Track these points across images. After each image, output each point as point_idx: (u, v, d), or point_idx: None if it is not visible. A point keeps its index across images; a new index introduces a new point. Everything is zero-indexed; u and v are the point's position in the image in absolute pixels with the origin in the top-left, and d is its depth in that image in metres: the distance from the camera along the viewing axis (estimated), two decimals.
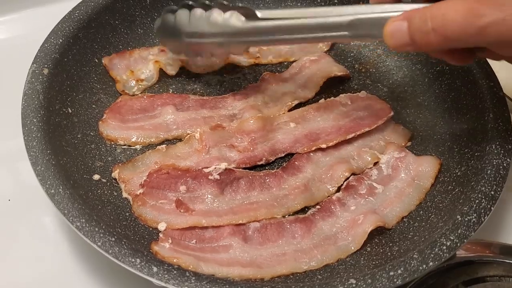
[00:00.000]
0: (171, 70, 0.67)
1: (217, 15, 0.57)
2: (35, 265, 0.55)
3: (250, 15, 0.55)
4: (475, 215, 0.49)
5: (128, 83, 0.66)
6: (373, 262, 0.50)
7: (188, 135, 0.61)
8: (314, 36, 0.53)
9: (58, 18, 0.64)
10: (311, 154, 0.60)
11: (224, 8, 0.57)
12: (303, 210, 0.56)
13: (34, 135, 0.52)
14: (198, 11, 0.58)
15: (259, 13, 0.55)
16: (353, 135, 0.61)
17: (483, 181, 0.51)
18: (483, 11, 0.39)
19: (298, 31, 0.53)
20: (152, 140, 0.61)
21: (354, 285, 0.44)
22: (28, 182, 0.57)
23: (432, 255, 0.46)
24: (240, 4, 0.57)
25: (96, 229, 0.46)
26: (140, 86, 0.66)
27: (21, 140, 0.53)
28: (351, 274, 0.49)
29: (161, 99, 0.64)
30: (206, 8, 0.58)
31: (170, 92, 0.67)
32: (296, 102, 0.66)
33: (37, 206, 0.58)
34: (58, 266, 0.55)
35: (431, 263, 0.46)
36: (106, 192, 0.55)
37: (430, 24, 0.42)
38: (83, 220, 0.47)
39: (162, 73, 0.67)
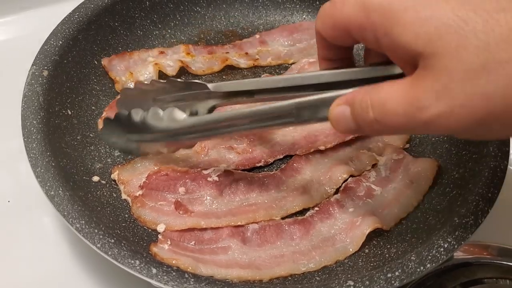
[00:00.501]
0: (171, 71, 0.67)
1: (159, 114, 0.53)
2: (34, 266, 0.55)
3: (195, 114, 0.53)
4: (472, 217, 0.49)
5: (127, 84, 0.66)
6: (371, 264, 0.50)
7: None
8: (261, 126, 0.49)
9: (58, 20, 0.64)
10: (310, 156, 0.60)
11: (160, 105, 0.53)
12: (302, 211, 0.56)
13: (34, 137, 0.53)
14: (139, 113, 0.54)
15: (211, 87, 0.51)
16: (351, 137, 0.61)
17: (480, 183, 0.52)
18: (425, 101, 0.34)
19: (244, 123, 0.49)
20: None
21: (352, 287, 0.44)
22: (27, 183, 0.57)
23: (429, 257, 0.46)
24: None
25: (96, 230, 0.46)
26: None
27: (21, 141, 0.53)
28: (349, 275, 0.49)
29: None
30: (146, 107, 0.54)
31: None
32: None
33: (36, 207, 0.59)
34: (57, 267, 0.55)
35: (428, 265, 0.46)
36: (105, 193, 0.55)
37: (371, 113, 0.37)
38: (83, 222, 0.47)
39: (161, 73, 0.67)
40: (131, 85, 0.62)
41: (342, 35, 0.41)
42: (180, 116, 0.52)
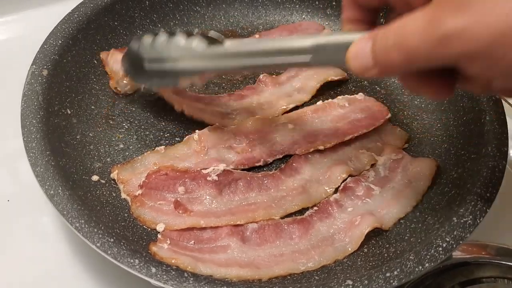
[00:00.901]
0: None
1: (180, 40, 0.54)
2: (33, 265, 0.55)
3: (214, 43, 0.53)
4: (471, 217, 0.49)
5: (122, 81, 0.66)
6: (370, 263, 0.51)
7: (187, 136, 0.61)
8: (275, 62, 0.49)
9: (57, 19, 0.64)
10: (309, 155, 0.60)
11: (188, 35, 0.54)
12: (301, 211, 0.56)
13: (33, 136, 0.53)
14: (162, 37, 0.56)
15: (226, 43, 0.52)
16: (350, 137, 0.61)
17: (479, 183, 0.52)
18: (444, 19, 0.34)
19: (259, 55, 0.50)
20: None
21: (351, 286, 0.44)
22: (27, 182, 0.57)
23: (428, 257, 0.46)
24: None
25: (95, 230, 0.46)
26: (133, 86, 0.66)
27: (20, 140, 0.53)
28: (348, 275, 0.49)
29: None
30: (171, 35, 0.55)
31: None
32: (291, 105, 0.66)
33: (36, 207, 0.58)
34: (57, 266, 0.55)
35: (427, 265, 0.46)
36: (105, 193, 0.55)
37: (391, 39, 0.37)
38: (82, 221, 0.47)
39: None
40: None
41: None
42: (200, 45, 0.53)
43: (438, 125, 0.64)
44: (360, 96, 0.66)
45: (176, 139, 0.62)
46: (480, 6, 0.33)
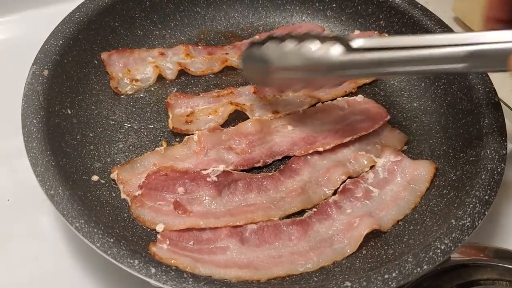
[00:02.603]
0: (170, 75, 0.68)
1: (312, 47, 0.51)
2: (33, 265, 0.55)
3: (346, 46, 0.50)
4: (469, 219, 0.49)
5: (122, 81, 0.66)
6: (369, 265, 0.51)
7: (187, 137, 0.61)
8: (422, 69, 0.48)
9: (58, 20, 0.64)
10: (308, 157, 0.60)
11: (318, 39, 0.52)
12: (300, 212, 0.56)
13: (34, 136, 0.53)
14: (290, 44, 0.53)
15: (353, 43, 0.49)
16: (349, 138, 0.61)
17: (477, 185, 0.52)
18: None
19: (404, 64, 0.48)
20: None
21: None
22: (27, 181, 0.57)
23: (426, 259, 0.46)
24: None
25: (95, 230, 0.46)
26: (134, 86, 0.67)
27: (21, 140, 0.53)
28: (346, 276, 0.49)
29: None
30: (298, 40, 0.53)
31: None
32: (287, 111, 0.65)
33: (35, 206, 0.59)
34: (56, 266, 0.55)
35: (425, 267, 0.46)
36: (104, 193, 0.56)
37: None
38: (82, 221, 0.47)
39: (160, 76, 0.68)
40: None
41: None
42: (337, 51, 0.50)
43: (437, 127, 0.64)
44: (359, 98, 0.66)
45: (176, 139, 0.62)
46: None
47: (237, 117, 0.65)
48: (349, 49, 0.50)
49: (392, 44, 0.48)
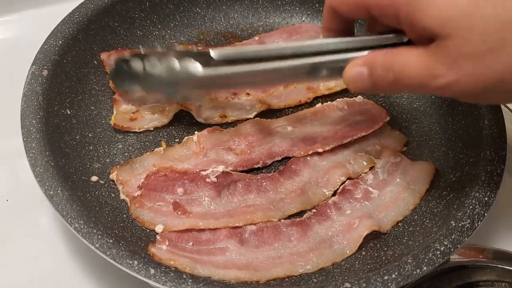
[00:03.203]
0: None
1: (173, 64, 0.53)
2: (32, 265, 0.55)
3: (206, 60, 0.51)
4: (468, 220, 0.49)
5: None
6: (368, 266, 0.51)
7: (186, 138, 0.61)
8: (273, 80, 0.52)
9: (58, 20, 0.64)
10: (308, 158, 0.60)
11: (179, 56, 0.53)
12: (299, 213, 0.56)
13: (33, 136, 0.53)
14: (152, 61, 0.54)
15: (213, 53, 0.51)
16: (349, 139, 0.61)
17: (477, 187, 0.52)
18: (438, 71, 0.40)
19: (258, 76, 0.51)
20: None
21: None
22: (26, 182, 0.57)
23: (426, 260, 0.46)
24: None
25: (94, 230, 0.46)
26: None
27: (20, 140, 0.53)
28: (346, 277, 0.49)
29: None
30: (160, 56, 0.54)
31: None
32: (235, 117, 0.65)
33: (35, 207, 0.59)
34: (55, 266, 0.55)
35: (425, 268, 0.46)
36: (104, 193, 0.56)
37: (391, 75, 0.43)
38: (82, 222, 0.47)
39: None
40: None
41: (359, 11, 0.46)
42: (197, 68, 0.51)
43: (437, 128, 0.64)
44: (359, 99, 0.66)
45: (176, 140, 0.62)
46: (467, 64, 0.39)
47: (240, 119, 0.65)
48: (208, 63, 0.51)
49: (248, 55, 0.50)
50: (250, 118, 0.64)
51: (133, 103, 0.62)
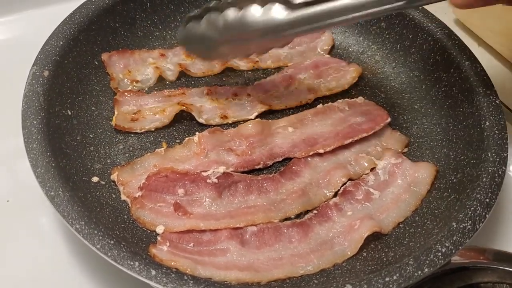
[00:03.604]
0: (171, 76, 0.68)
1: (254, 12, 0.52)
2: (33, 266, 0.55)
3: (287, 3, 0.51)
4: (470, 222, 0.49)
5: (122, 82, 0.66)
6: (369, 267, 0.51)
7: (187, 139, 0.61)
8: (365, 13, 0.49)
9: (59, 20, 0.64)
10: (309, 159, 0.60)
11: (259, 1, 0.52)
12: (300, 214, 0.56)
13: (34, 137, 0.53)
14: (230, 13, 0.53)
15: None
16: (350, 140, 0.62)
17: (478, 188, 0.52)
18: None
19: (347, 11, 0.49)
20: None
21: None
22: (27, 182, 0.57)
23: (427, 262, 0.46)
24: None
25: (95, 231, 0.46)
26: (134, 87, 0.67)
27: (21, 141, 0.53)
28: (347, 279, 0.49)
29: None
30: (237, 6, 0.53)
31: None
32: (236, 118, 0.65)
33: (35, 207, 0.59)
34: (56, 267, 0.55)
35: (426, 269, 0.46)
36: (104, 194, 0.55)
37: None
38: (83, 223, 0.47)
39: (160, 78, 0.68)
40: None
41: None
42: (281, 12, 0.51)
43: (438, 129, 0.64)
44: (360, 100, 0.66)
45: (176, 141, 0.62)
46: None
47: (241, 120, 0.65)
48: (290, 6, 0.51)
49: None
50: (251, 119, 0.64)
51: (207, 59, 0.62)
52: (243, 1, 0.53)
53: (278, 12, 0.51)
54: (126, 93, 0.65)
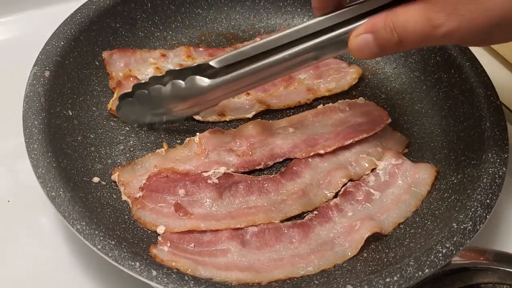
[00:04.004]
0: None
1: (179, 85, 0.57)
2: (33, 266, 0.55)
3: (209, 72, 0.55)
4: (470, 223, 0.49)
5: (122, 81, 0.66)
6: (370, 268, 0.51)
7: (188, 139, 0.61)
8: (281, 71, 0.54)
9: (59, 20, 0.64)
10: (309, 159, 0.60)
11: (180, 75, 0.57)
12: (301, 215, 0.56)
13: (35, 138, 0.53)
14: (156, 88, 0.58)
15: (213, 63, 0.55)
16: (351, 141, 0.61)
17: (479, 189, 0.52)
18: (439, 20, 0.42)
19: (264, 71, 0.53)
20: None
21: None
22: (27, 183, 0.57)
23: (428, 262, 0.46)
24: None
25: (96, 232, 0.46)
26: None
27: (21, 141, 0.53)
28: (347, 279, 0.49)
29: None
30: (162, 82, 0.58)
31: None
32: (234, 116, 0.66)
33: (36, 207, 0.58)
34: (56, 267, 0.55)
35: (427, 270, 0.46)
36: (105, 194, 0.55)
37: (395, 35, 0.45)
38: (84, 223, 0.47)
39: None
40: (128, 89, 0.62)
41: None
42: (203, 81, 0.55)
43: (438, 130, 0.64)
44: (360, 100, 0.66)
45: (177, 141, 0.62)
46: (465, 8, 0.41)
47: (238, 118, 0.65)
48: (212, 73, 0.55)
49: (250, 53, 0.54)
50: (249, 118, 0.64)
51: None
52: (166, 78, 0.58)
53: (201, 82, 0.56)
54: (131, 78, 0.65)
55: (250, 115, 0.65)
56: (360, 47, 0.47)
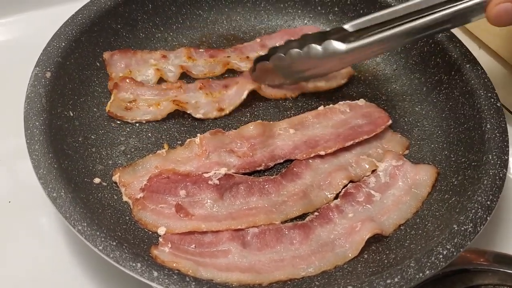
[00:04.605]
0: (172, 78, 0.68)
1: (316, 49, 0.59)
2: (34, 267, 0.55)
3: (340, 35, 0.58)
4: (471, 224, 0.49)
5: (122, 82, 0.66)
6: (370, 270, 0.51)
7: (189, 140, 0.61)
8: (413, 38, 0.57)
9: (60, 21, 0.64)
10: (310, 160, 0.60)
11: (316, 40, 0.59)
12: (302, 216, 0.56)
13: (36, 138, 0.53)
14: (294, 52, 0.60)
15: (347, 27, 0.57)
16: (351, 142, 0.62)
17: (479, 191, 0.52)
18: None
19: (398, 38, 0.56)
20: None
21: None
22: (28, 183, 0.57)
23: (428, 264, 0.46)
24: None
25: (98, 233, 0.46)
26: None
27: (23, 142, 0.53)
28: (348, 281, 0.49)
29: None
30: (298, 45, 0.60)
31: None
32: (232, 107, 0.67)
33: (37, 208, 0.59)
34: (57, 267, 0.55)
35: (427, 272, 0.46)
36: (106, 195, 0.56)
37: None
38: (85, 224, 0.47)
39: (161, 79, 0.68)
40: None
41: None
42: (340, 45, 0.58)
43: (439, 132, 0.64)
44: (361, 102, 0.66)
45: (178, 142, 0.62)
46: None
47: (239, 119, 0.65)
48: (347, 38, 0.57)
49: (383, 18, 0.57)
50: (244, 98, 0.66)
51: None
52: (304, 40, 0.60)
53: (338, 46, 0.58)
54: (127, 79, 0.65)
55: (244, 96, 0.66)
56: (499, 14, 0.51)
